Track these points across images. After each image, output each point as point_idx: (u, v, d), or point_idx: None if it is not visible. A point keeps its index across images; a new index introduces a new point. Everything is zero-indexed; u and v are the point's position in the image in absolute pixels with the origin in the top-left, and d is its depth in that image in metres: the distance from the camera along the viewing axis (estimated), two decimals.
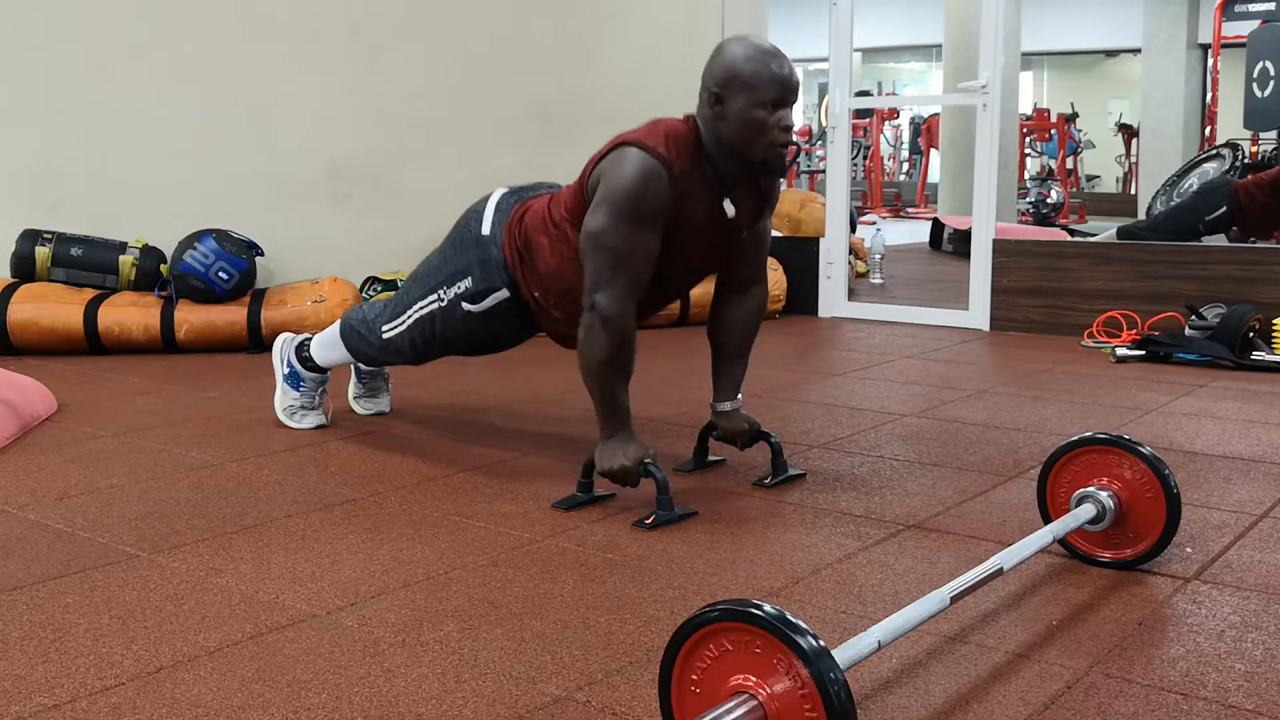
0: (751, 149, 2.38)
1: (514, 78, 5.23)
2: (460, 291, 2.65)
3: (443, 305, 2.68)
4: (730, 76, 2.35)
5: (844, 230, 5.46)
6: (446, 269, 2.68)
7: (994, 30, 4.95)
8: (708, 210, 2.44)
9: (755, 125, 2.35)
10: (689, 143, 2.40)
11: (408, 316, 2.76)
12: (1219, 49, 9.86)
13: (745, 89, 2.33)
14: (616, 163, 2.36)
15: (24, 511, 2.40)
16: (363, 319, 2.90)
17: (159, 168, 4.61)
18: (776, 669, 1.24)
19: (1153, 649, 1.73)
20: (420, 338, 2.76)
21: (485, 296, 2.62)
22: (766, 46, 2.38)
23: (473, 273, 2.62)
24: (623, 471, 2.37)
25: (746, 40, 2.40)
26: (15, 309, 4.21)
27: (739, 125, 2.36)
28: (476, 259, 2.62)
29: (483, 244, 2.61)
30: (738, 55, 2.36)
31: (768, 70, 2.33)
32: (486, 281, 2.61)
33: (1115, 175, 17.00)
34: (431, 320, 2.71)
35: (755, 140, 2.37)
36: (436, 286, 2.69)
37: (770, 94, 2.33)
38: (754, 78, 2.33)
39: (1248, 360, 4.04)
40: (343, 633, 1.78)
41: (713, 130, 2.40)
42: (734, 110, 2.35)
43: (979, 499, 2.51)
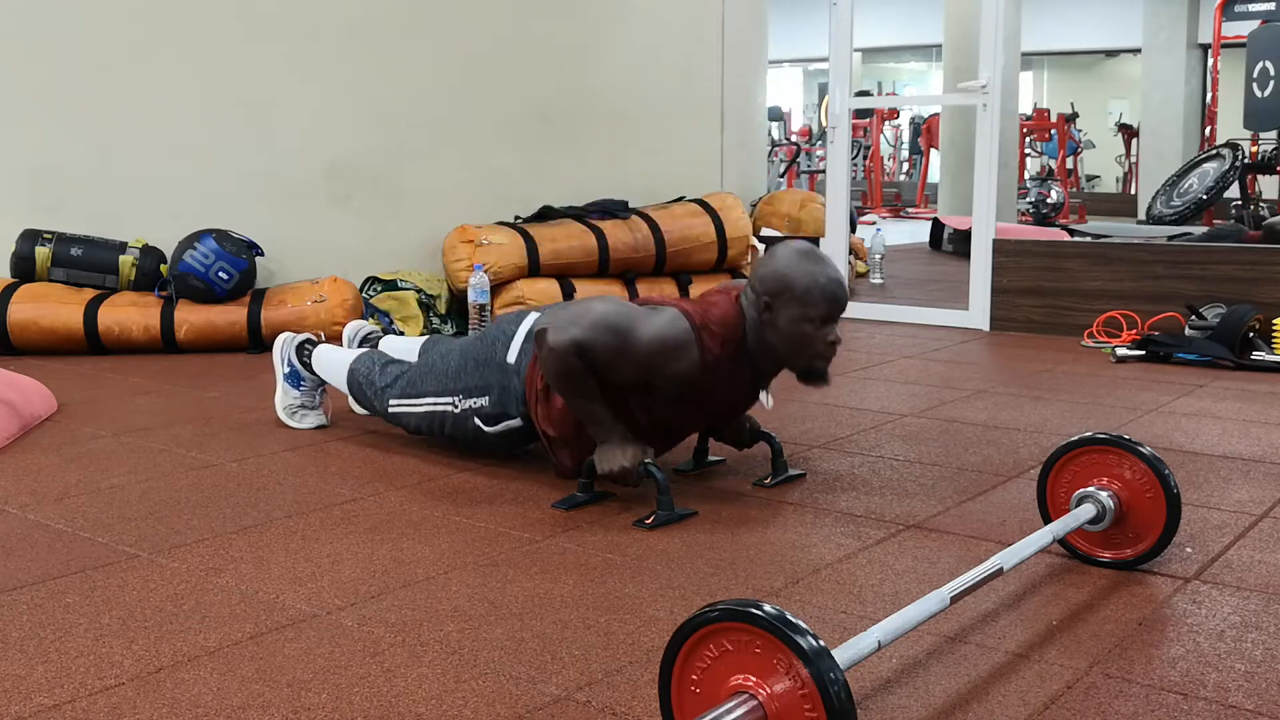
0: (796, 360, 2.43)
1: (514, 78, 5.23)
2: (474, 408, 2.67)
3: (455, 412, 2.70)
4: (782, 288, 2.36)
5: (844, 230, 5.46)
6: (466, 379, 2.68)
7: (994, 30, 4.95)
8: (733, 389, 2.50)
9: (803, 340, 2.38)
10: (735, 336, 2.42)
11: (419, 404, 2.78)
12: (1219, 49, 9.86)
13: (795, 303, 2.36)
14: (663, 314, 2.39)
15: (24, 511, 2.40)
16: (371, 382, 2.91)
17: (159, 168, 4.61)
18: (776, 669, 1.24)
19: (1153, 649, 1.73)
20: (426, 427, 2.79)
21: (499, 421, 2.64)
22: (819, 258, 2.40)
23: (491, 394, 2.64)
24: (623, 472, 2.37)
25: (799, 250, 2.41)
26: (15, 309, 4.21)
27: (786, 337, 2.39)
28: (497, 383, 2.63)
29: (505, 372, 2.62)
30: (791, 268, 2.37)
31: (818, 286, 2.35)
32: (502, 407, 2.63)
33: (1115, 175, 17.00)
34: (442, 419, 2.74)
35: (801, 353, 2.41)
36: (453, 393, 2.70)
37: (820, 311, 2.36)
38: (806, 294, 2.35)
39: (1248, 360, 4.04)
40: (343, 633, 1.78)
41: (758, 331, 2.42)
42: (782, 321, 2.37)
43: (979, 499, 2.51)
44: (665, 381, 2.39)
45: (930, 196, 14.08)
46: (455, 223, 4.87)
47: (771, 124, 11.36)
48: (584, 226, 5.01)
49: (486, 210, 5.09)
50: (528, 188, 5.26)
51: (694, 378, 2.39)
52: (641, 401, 2.45)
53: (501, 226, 4.91)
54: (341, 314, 4.33)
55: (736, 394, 2.55)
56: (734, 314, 2.43)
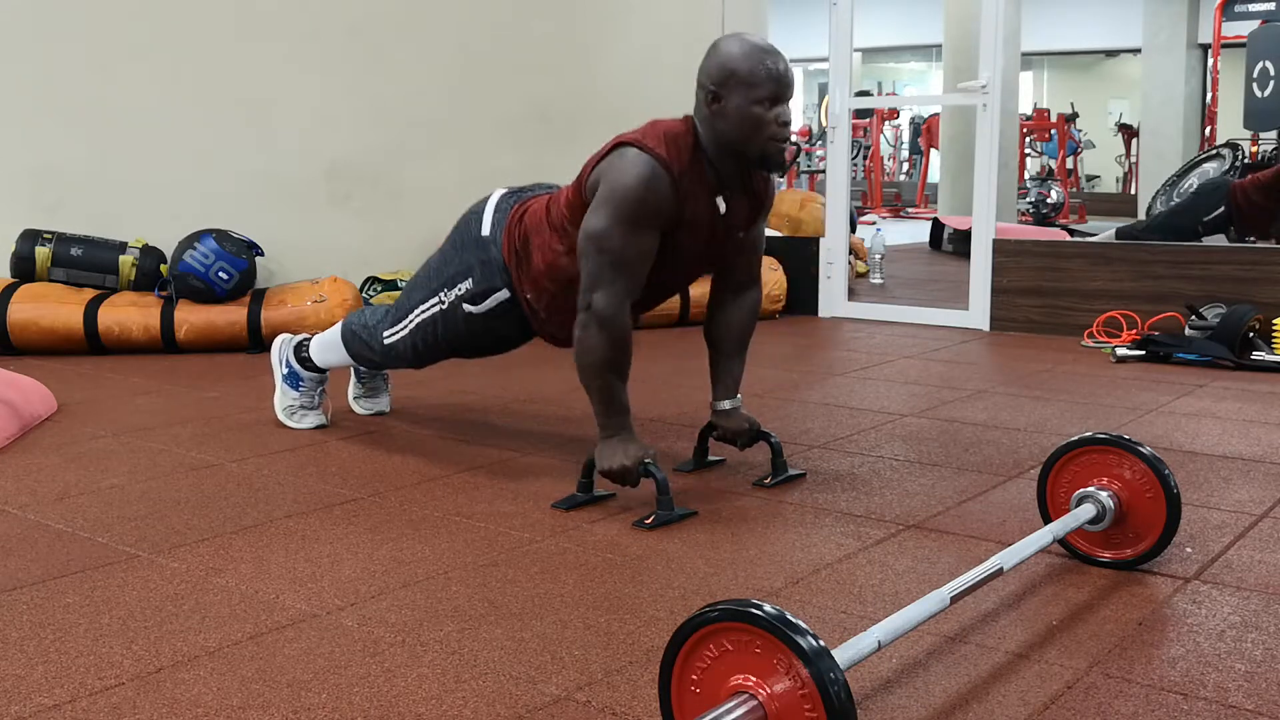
0: (750, 145, 2.39)
1: (514, 78, 5.23)
2: (461, 293, 2.65)
3: (444, 308, 2.68)
4: (726, 74, 2.35)
5: (844, 230, 5.46)
6: (447, 270, 2.68)
7: (994, 30, 4.95)
8: (706, 210, 2.44)
9: (753, 121, 2.36)
10: (688, 143, 2.40)
11: (409, 321, 2.76)
12: (1219, 49, 9.86)
13: (742, 86, 2.34)
14: (616, 164, 2.36)
15: (24, 511, 2.40)
16: (364, 324, 2.90)
17: (159, 168, 4.61)
18: (776, 669, 1.24)
19: (1153, 649, 1.73)
20: (422, 342, 2.76)
21: (486, 297, 2.63)
22: (761, 43, 2.39)
23: (473, 274, 2.62)
24: (623, 471, 2.37)
25: (741, 37, 2.40)
26: (15, 309, 4.21)
27: (737, 122, 2.36)
28: (477, 260, 2.62)
29: (482, 244, 2.61)
30: (733, 53, 2.36)
31: (763, 67, 2.34)
32: (487, 282, 2.61)
33: (1115, 175, 17.00)
34: (433, 323, 2.71)
35: (753, 136, 2.37)
36: (438, 289, 2.69)
37: (767, 90, 2.34)
38: (750, 75, 2.34)
39: (1248, 360, 4.04)
40: (343, 633, 1.78)
41: (710, 128, 2.40)
42: (731, 107, 2.36)
43: (979, 499, 2.51)
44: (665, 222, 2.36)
45: (930, 196, 14.09)
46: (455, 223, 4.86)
47: None
48: None
49: None
50: None
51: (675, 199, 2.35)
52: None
53: None
54: (341, 314, 4.33)
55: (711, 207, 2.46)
56: (678, 125, 2.42)
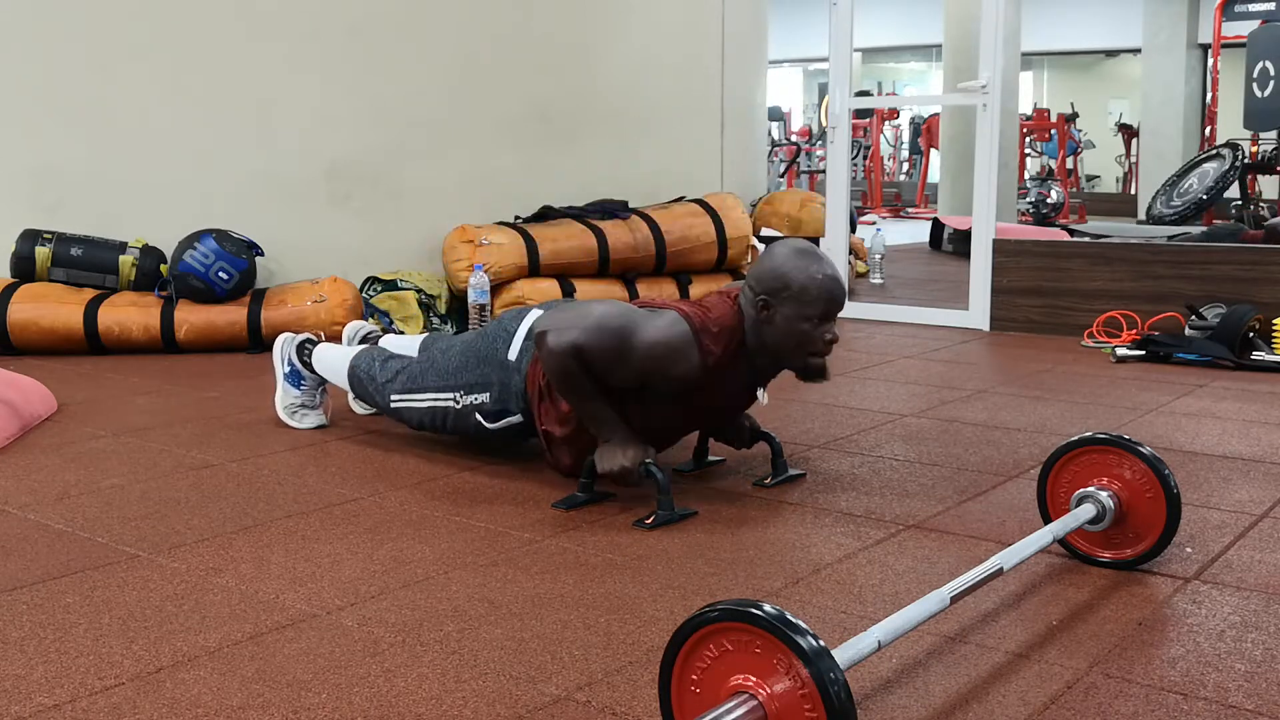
0: (793, 358, 2.43)
1: (514, 78, 5.23)
2: (476, 403, 2.67)
3: (457, 408, 2.71)
4: (780, 286, 2.36)
5: (844, 230, 5.46)
6: (467, 375, 2.69)
7: (994, 30, 4.94)
8: (733, 389, 2.51)
9: (799, 337, 2.39)
10: (735, 337, 2.43)
11: (421, 400, 2.78)
12: (1219, 49, 9.86)
13: (793, 301, 2.36)
14: (664, 317, 2.40)
15: (24, 511, 2.40)
16: (372, 377, 2.91)
17: (159, 168, 4.61)
18: (776, 669, 1.24)
19: (1153, 649, 1.73)
20: (429, 422, 2.80)
21: (500, 417, 2.65)
22: (816, 256, 2.40)
23: (491, 391, 2.64)
24: (623, 472, 2.37)
25: (798, 248, 2.41)
26: (15, 309, 4.21)
27: (784, 335, 2.39)
28: (498, 379, 2.63)
29: (506, 369, 2.62)
30: (789, 266, 2.37)
31: (816, 285, 2.35)
32: (503, 404, 2.63)
33: (1115, 175, 16.99)
34: (444, 415, 2.74)
35: (798, 350, 2.41)
36: (455, 388, 2.71)
37: (818, 309, 2.36)
38: (803, 293, 2.35)
39: (1248, 360, 4.04)
40: (343, 633, 1.78)
41: (756, 330, 2.42)
42: (780, 319, 2.38)
43: (979, 499, 2.51)
44: (665, 383, 2.40)
45: (930, 196, 14.08)
46: (455, 223, 4.87)
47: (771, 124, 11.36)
48: (584, 226, 5.01)
49: (486, 210, 5.09)
50: (528, 188, 5.25)
51: (694, 379, 2.39)
52: (641, 403, 2.45)
53: (501, 226, 4.91)
54: (341, 314, 4.33)
55: (735, 394, 2.55)
56: (732, 315, 2.43)
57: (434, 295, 4.72)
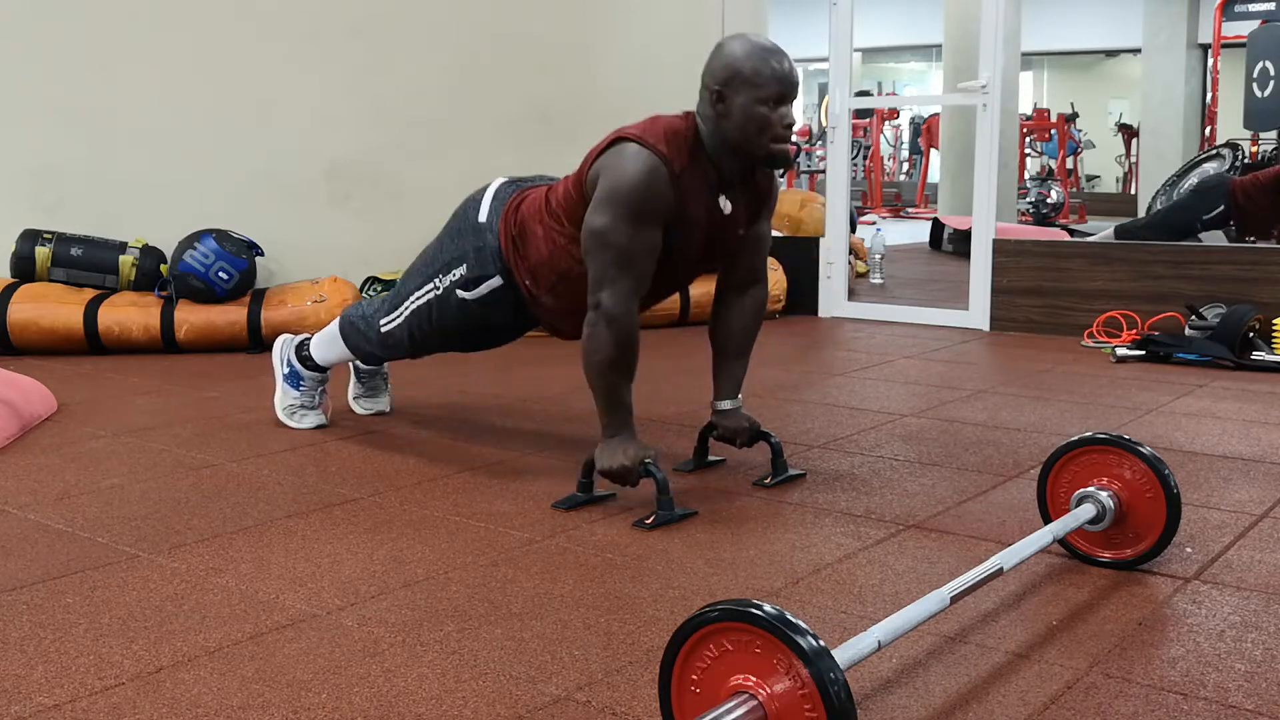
0: (754, 145, 2.39)
1: (514, 78, 5.23)
2: (455, 279, 2.65)
3: (439, 294, 2.68)
4: (731, 74, 2.35)
5: (844, 230, 5.46)
6: (443, 256, 2.69)
7: (994, 30, 4.95)
8: (707, 207, 2.45)
9: (758, 122, 2.36)
10: (688, 140, 2.40)
11: (405, 308, 2.77)
12: (1219, 49, 9.86)
13: (747, 86, 2.34)
14: (616, 159, 2.37)
15: (24, 511, 2.40)
16: (361, 315, 2.91)
17: (159, 168, 4.61)
18: (776, 669, 1.24)
19: (1153, 649, 1.73)
20: (418, 328, 2.76)
21: (479, 283, 2.63)
22: (767, 44, 2.39)
23: (468, 260, 2.63)
24: (623, 471, 2.37)
25: (746, 37, 2.41)
26: (15, 309, 4.21)
27: (741, 122, 2.36)
28: (472, 246, 2.63)
29: (479, 231, 2.62)
30: (738, 53, 2.36)
31: (769, 67, 2.35)
32: (481, 268, 2.62)
33: (1115, 175, 17.00)
34: (429, 309, 2.72)
35: (758, 137, 2.38)
36: (433, 275, 2.70)
37: (772, 90, 2.35)
38: (755, 75, 2.34)
39: (1248, 360, 4.04)
40: (343, 633, 1.78)
41: (714, 128, 2.40)
42: (736, 107, 2.36)
43: (979, 499, 2.51)
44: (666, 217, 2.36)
45: (930, 196, 14.09)
46: None
47: None
48: None
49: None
50: None
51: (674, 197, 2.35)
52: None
53: None
54: (341, 312, 4.33)
55: (713, 205, 2.46)
56: (677, 120, 2.41)
57: None
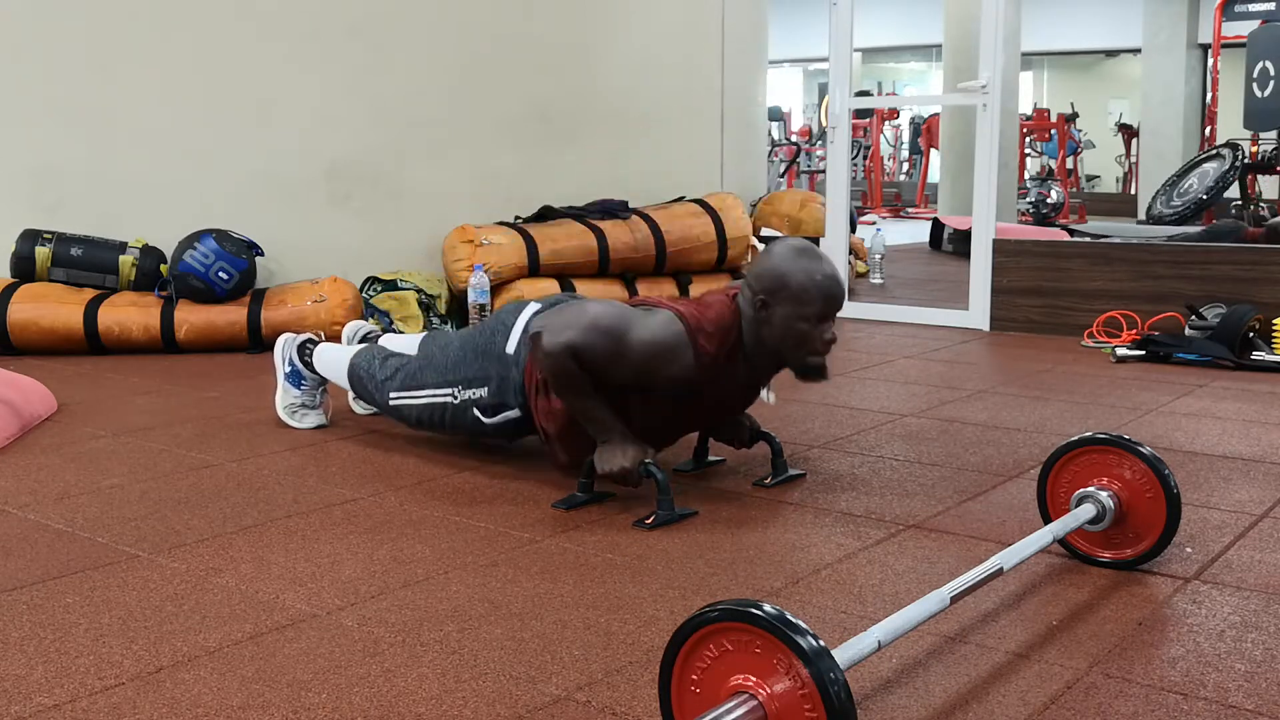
0: (791, 357, 2.42)
1: (514, 78, 5.23)
2: (474, 398, 2.66)
3: (455, 404, 2.70)
4: (779, 286, 2.36)
5: (844, 230, 5.46)
6: (465, 371, 2.68)
7: (994, 30, 4.94)
8: (731, 387, 2.50)
9: (798, 337, 2.38)
10: (732, 336, 2.42)
11: (419, 396, 2.78)
12: (1219, 49, 9.86)
13: (792, 301, 2.35)
14: (658, 316, 2.40)
15: (24, 511, 2.40)
16: (371, 375, 2.91)
17: (159, 168, 4.61)
18: (776, 669, 1.24)
19: (1153, 649, 1.73)
20: (428, 419, 2.79)
21: (498, 412, 2.64)
22: (816, 257, 2.39)
23: (489, 385, 2.63)
24: (623, 472, 2.37)
25: (798, 247, 2.40)
26: (15, 309, 4.21)
27: (782, 334, 2.38)
28: (496, 374, 2.62)
29: (504, 363, 2.61)
30: (788, 265, 2.36)
31: (815, 284, 2.35)
32: (501, 398, 2.62)
33: (1115, 175, 16.99)
34: (442, 410, 2.73)
35: (796, 350, 2.40)
36: (453, 384, 2.70)
37: (816, 309, 2.35)
38: (802, 292, 2.34)
39: (1248, 360, 4.04)
40: (343, 633, 1.78)
41: (754, 328, 2.42)
42: (778, 318, 2.37)
43: (979, 499, 2.51)
44: (662, 383, 2.40)
45: (930, 196, 14.08)
46: (455, 223, 4.87)
47: (771, 124, 11.35)
48: (584, 226, 5.01)
49: (486, 210, 5.09)
50: (528, 188, 5.26)
51: (690, 379, 2.39)
52: (639, 401, 2.45)
53: (501, 226, 4.91)
54: (341, 314, 4.33)
55: (734, 392, 2.55)
56: (729, 314, 2.43)
57: (434, 295, 4.72)
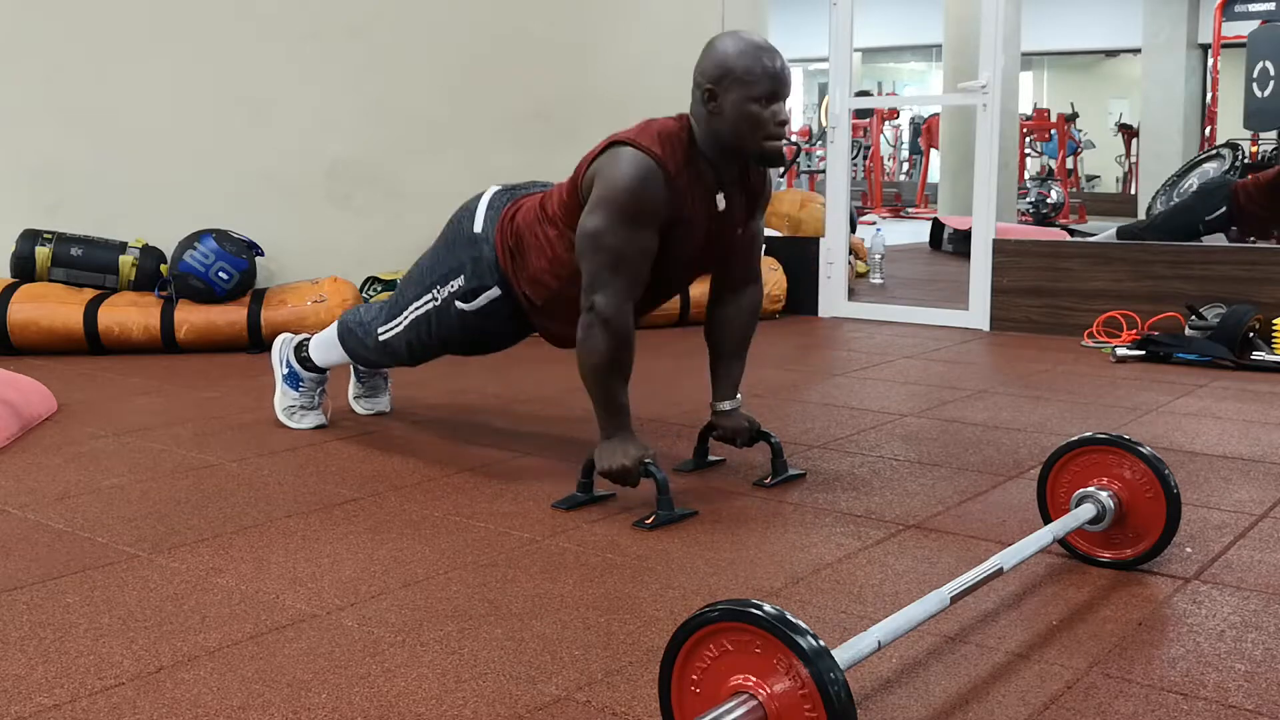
0: (747, 143, 2.39)
1: (514, 78, 5.23)
2: (454, 290, 2.65)
3: (437, 304, 2.68)
4: (723, 72, 2.35)
5: (844, 230, 5.46)
6: (440, 268, 2.68)
7: (994, 30, 4.95)
8: (703, 207, 2.44)
9: (750, 119, 2.35)
10: (682, 141, 2.40)
11: (403, 318, 2.77)
12: (1219, 49, 9.86)
13: (738, 84, 2.33)
14: (611, 162, 2.36)
15: (24, 511, 2.40)
16: (359, 321, 2.91)
17: (159, 168, 4.61)
18: (776, 669, 1.24)
19: (1153, 649, 1.73)
20: (417, 339, 2.76)
21: (478, 295, 2.62)
22: (758, 41, 2.38)
23: (465, 271, 2.62)
24: (623, 471, 2.37)
25: (738, 35, 2.40)
26: (15, 309, 4.21)
27: (734, 120, 2.36)
28: (469, 257, 2.62)
29: (475, 242, 2.61)
30: (729, 51, 2.36)
31: (760, 65, 2.33)
32: (478, 279, 2.61)
33: (1115, 175, 17.00)
34: (427, 320, 2.71)
35: (750, 134, 2.37)
36: (431, 286, 2.69)
37: (764, 88, 2.34)
38: (747, 73, 2.33)
39: (1248, 360, 4.04)
40: (343, 633, 1.78)
41: (706, 126, 2.40)
42: (728, 106, 2.35)
43: (979, 499, 2.51)
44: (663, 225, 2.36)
45: (930, 196, 14.08)
46: None
47: None
48: None
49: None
50: None
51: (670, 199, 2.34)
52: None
53: None
54: (340, 314, 4.33)
55: (710, 203, 2.46)
56: (670, 123, 2.41)
57: None
